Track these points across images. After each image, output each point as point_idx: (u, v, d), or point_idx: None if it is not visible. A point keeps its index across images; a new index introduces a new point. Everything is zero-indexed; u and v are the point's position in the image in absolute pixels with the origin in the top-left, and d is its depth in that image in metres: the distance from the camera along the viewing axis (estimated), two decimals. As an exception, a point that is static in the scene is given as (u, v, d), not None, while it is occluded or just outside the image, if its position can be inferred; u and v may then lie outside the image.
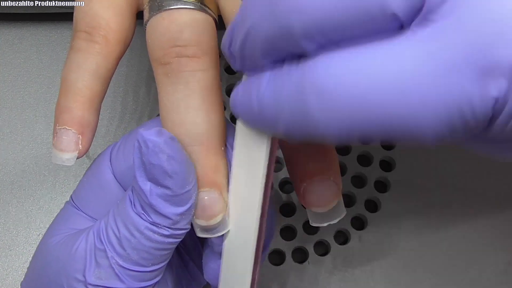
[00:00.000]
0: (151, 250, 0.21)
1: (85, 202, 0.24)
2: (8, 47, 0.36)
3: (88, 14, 0.23)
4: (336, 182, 0.23)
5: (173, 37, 0.22)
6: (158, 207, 0.20)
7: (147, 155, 0.20)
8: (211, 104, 0.22)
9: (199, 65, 0.22)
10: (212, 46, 0.22)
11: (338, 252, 0.32)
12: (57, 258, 0.22)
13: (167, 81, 0.22)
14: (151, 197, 0.20)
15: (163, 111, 0.22)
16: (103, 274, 0.21)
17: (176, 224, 0.21)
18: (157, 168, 0.20)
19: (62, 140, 0.23)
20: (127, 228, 0.21)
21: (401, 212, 0.32)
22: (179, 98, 0.22)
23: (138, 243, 0.21)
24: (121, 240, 0.21)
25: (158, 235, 0.21)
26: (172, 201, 0.20)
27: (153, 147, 0.20)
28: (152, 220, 0.21)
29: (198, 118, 0.21)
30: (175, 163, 0.20)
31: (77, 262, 0.22)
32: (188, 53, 0.22)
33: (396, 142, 0.16)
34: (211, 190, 0.22)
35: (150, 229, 0.21)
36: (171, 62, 0.22)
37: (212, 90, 0.22)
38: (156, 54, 0.22)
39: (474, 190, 0.33)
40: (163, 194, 0.20)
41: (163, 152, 0.20)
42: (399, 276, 0.31)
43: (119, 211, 0.22)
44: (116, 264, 0.21)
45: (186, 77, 0.22)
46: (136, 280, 0.22)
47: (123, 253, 0.21)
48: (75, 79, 0.23)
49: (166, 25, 0.22)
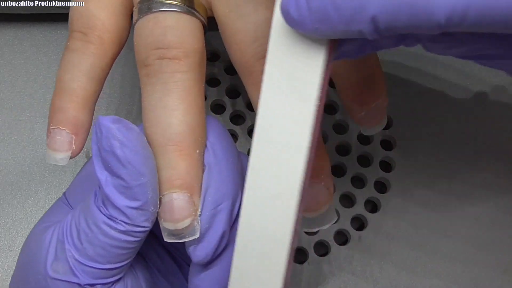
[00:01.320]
0: (106, 246, 0.21)
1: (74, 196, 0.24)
2: (7, 47, 0.36)
3: (84, 15, 0.24)
4: (327, 187, 0.23)
5: (156, 39, 0.22)
6: (112, 198, 0.20)
7: (101, 140, 0.20)
8: (189, 105, 0.22)
9: (179, 67, 0.22)
10: (195, 48, 0.22)
11: (338, 252, 0.32)
12: (29, 249, 0.23)
13: (147, 81, 0.22)
14: (106, 187, 0.20)
15: (143, 111, 0.22)
16: (61, 268, 0.21)
17: (132, 220, 0.20)
18: (110, 155, 0.20)
19: (55, 140, 0.23)
20: (86, 221, 0.21)
21: (401, 212, 0.32)
22: (156, 98, 0.22)
23: (94, 238, 0.21)
24: (79, 233, 0.21)
25: (114, 230, 0.21)
26: (126, 193, 0.20)
27: (106, 133, 0.20)
28: (109, 213, 0.20)
29: (173, 119, 0.21)
30: (128, 151, 0.20)
31: (41, 254, 0.22)
32: (170, 55, 0.22)
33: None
34: (180, 192, 0.21)
35: (106, 224, 0.21)
36: (152, 64, 0.22)
37: (191, 91, 0.22)
38: (140, 56, 0.22)
39: (474, 190, 0.33)
40: (118, 185, 0.20)
41: (116, 138, 0.20)
42: (399, 276, 0.31)
43: (85, 204, 0.22)
44: (72, 258, 0.21)
45: (165, 78, 0.22)
46: (91, 276, 0.21)
47: (80, 246, 0.21)
48: (70, 79, 0.23)
49: (151, 28, 0.22)
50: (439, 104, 0.35)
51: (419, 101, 0.35)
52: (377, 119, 0.26)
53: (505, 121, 0.34)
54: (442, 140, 0.34)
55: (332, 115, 0.34)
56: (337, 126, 0.35)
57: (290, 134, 0.18)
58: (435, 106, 0.35)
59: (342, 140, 0.34)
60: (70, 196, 0.25)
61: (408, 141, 0.34)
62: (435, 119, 0.34)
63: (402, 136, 0.34)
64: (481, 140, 0.34)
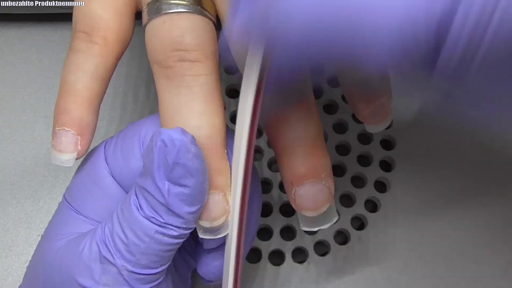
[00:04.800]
0: (160, 252, 0.21)
1: (83, 203, 0.24)
2: (8, 47, 0.36)
3: (87, 15, 0.23)
4: (328, 186, 0.23)
5: (175, 41, 0.22)
6: (174, 207, 0.21)
7: (173, 154, 0.20)
8: (214, 108, 0.22)
9: (202, 70, 0.22)
10: (213, 50, 0.23)
11: (338, 252, 0.32)
12: (60, 264, 0.22)
13: (169, 84, 0.22)
14: (169, 197, 0.20)
15: (166, 114, 0.22)
16: (111, 281, 0.21)
17: (186, 223, 0.21)
18: (181, 167, 0.20)
19: (61, 141, 0.23)
20: (135, 233, 0.21)
21: (401, 212, 0.32)
22: (182, 101, 0.22)
23: (147, 248, 0.21)
24: (129, 246, 0.21)
25: (167, 237, 0.21)
26: (188, 200, 0.21)
27: (180, 146, 0.20)
28: (164, 220, 0.21)
29: (202, 122, 0.22)
30: (198, 161, 0.20)
31: (82, 269, 0.22)
32: (190, 57, 0.22)
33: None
34: (215, 193, 0.22)
35: (160, 232, 0.21)
36: (173, 66, 0.22)
37: (215, 94, 0.22)
38: (157, 57, 0.22)
39: (474, 190, 0.33)
40: (180, 193, 0.20)
41: (190, 150, 0.20)
42: (399, 276, 0.31)
43: (124, 216, 0.22)
44: (125, 270, 0.21)
45: (189, 81, 0.22)
46: (144, 282, 0.22)
47: (133, 259, 0.21)
48: (74, 80, 0.23)
49: (168, 29, 0.22)
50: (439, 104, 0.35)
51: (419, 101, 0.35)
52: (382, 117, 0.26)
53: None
54: (442, 140, 0.34)
55: (332, 114, 0.35)
56: (337, 125, 0.35)
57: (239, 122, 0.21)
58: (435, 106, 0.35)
59: (342, 140, 0.34)
60: (73, 200, 0.24)
61: (408, 141, 0.34)
62: (435, 118, 0.34)
63: (402, 136, 0.34)
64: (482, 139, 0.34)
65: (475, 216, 0.32)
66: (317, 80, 0.19)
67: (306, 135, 0.23)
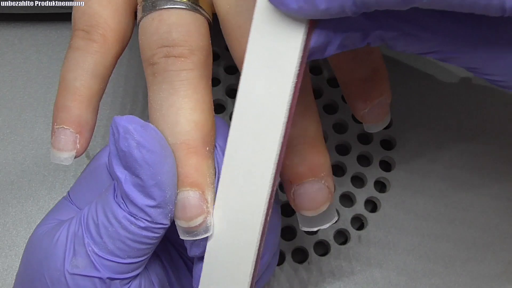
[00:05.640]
0: (127, 240, 0.21)
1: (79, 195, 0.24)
2: (8, 47, 0.36)
3: (86, 13, 0.24)
4: (327, 185, 0.23)
5: (162, 37, 0.22)
6: (132, 197, 0.20)
7: (118, 141, 0.20)
8: (196, 103, 0.22)
9: (185, 65, 0.22)
10: (201, 45, 0.22)
11: (338, 252, 0.32)
12: (40, 248, 0.22)
13: (153, 80, 0.22)
14: (125, 185, 0.20)
15: (149, 110, 0.22)
16: (80, 262, 0.21)
17: (152, 217, 0.21)
18: (128, 156, 0.20)
19: (60, 139, 0.23)
20: (106, 215, 0.21)
21: (401, 212, 0.32)
22: (162, 97, 0.22)
23: (114, 232, 0.21)
24: (98, 227, 0.21)
25: (134, 226, 0.21)
26: (144, 192, 0.20)
27: (123, 133, 0.20)
28: (129, 210, 0.21)
29: (180, 117, 0.21)
30: (145, 151, 0.20)
31: (58, 250, 0.22)
32: (175, 53, 0.22)
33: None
34: (191, 190, 0.21)
35: (127, 219, 0.21)
36: (158, 62, 0.22)
37: (197, 89, 0.22)
38: (146, 54, 0.22)
39: (474, 190, 0.33)
40: (136, 184, 0.20)
41: (133, 138, 0.20)
42: (399, 276, 0.31)
43: (101, 198, 0.22)
44: (92, 252, 0.21)
45: (170, 76, 0.22)
46: (111, 271, 0.21)
47: (100, 241, 0.21)
48: (73, 78, 0.23)
49: (156, 26, 0.22)
50: (439, 104, 0.35)
51: (419, 101, 0.35)
52: (381, 116, 0.26)
53: (506, 121, 0.34)
54: (442, 140, 0.34)
55: (332, 114, 0.35)
56: (337, 125, 0.35)
57: (268, 108, 0.19)
58: (435, 106, 0.35)
59: (342, 140, 0.34)
60: (74, 195, 0.24)
61: (408, 141, 0.34)
62: (435, 118, 0.35)
63: (402, 136, 0.34)
64: (482, 140, 0.34)
65: (475, 216, 0.32)
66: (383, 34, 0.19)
67: (306, 134, 0.23)
